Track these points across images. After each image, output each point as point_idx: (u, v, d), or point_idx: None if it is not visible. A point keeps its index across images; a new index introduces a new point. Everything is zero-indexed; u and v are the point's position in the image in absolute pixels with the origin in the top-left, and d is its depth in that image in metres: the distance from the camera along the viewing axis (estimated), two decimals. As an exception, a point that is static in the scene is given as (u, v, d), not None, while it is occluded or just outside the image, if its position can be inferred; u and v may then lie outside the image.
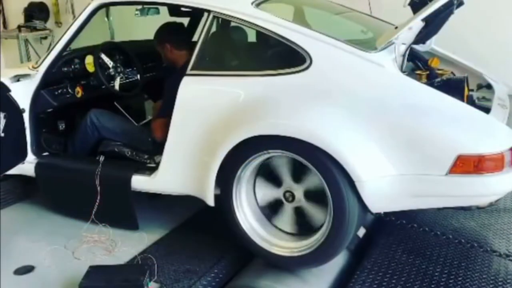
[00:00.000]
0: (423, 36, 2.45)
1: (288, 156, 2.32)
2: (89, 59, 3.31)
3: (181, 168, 2.60)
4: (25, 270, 2.62)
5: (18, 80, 2.99)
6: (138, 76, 3.54)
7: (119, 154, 3.05)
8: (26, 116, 3.00)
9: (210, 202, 2.51)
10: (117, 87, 3.35)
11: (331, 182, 2.18)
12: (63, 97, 3.19)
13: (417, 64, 2.86)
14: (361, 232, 2.71)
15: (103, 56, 3.32)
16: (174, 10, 3.33)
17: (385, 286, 2.32)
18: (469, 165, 2.06)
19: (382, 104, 2.19)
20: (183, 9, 3.23)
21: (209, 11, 2.62)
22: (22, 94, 2.98)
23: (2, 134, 2.81)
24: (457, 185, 2.11)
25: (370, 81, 2.27)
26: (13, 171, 3.05)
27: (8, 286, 2.49)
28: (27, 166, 3.06)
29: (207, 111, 2.50)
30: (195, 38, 3.07)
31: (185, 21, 3.46)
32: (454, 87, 2.39)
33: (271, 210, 2.48)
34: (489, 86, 2.79)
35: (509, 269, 2.45)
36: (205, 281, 2.46)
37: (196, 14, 3.36)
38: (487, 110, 2.39)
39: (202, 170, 2.49)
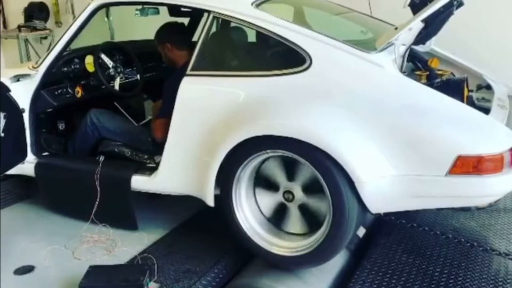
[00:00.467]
0: (423, 37, 2.45)
1: (278, 156, 2.33)
2: (89, 59, 3.31)
3: (181, 168, 2.61)
4: (25, 270, 2.62)
5: (18, 80, 2.99)
6: (138, 76, 3.54)
7: (119, 154, 3.05)
8: (26, 116, 3.00)
9: (210, 202, 2.51)
10: (117, 87, 3.35)
11: (330, 182, 2.19)
12: (63, 97, 3.19)
13: (416, 65, 2.86)
14: (361, 232, 2.71)
15: (103, 56, 3.32)
16: (174, 10, 3.34)
17: (385, 286, 2.32)
18: (468, 165, 2.06)
19: (381, 104, 2.19)
20: (183, 9, 3.23)
21: (209, 12, 2.63)
22: (22, 94, 2.98)
23: (2, 134, 2.81)
24: (456, 186, 2.11)
25: (370, 81, 2.27)
26: (13, 171, 3.05)
27: (8, 286, 2.49)
28: (27, 166, 3.06)
29: (207, 111, 2.51)
30: (195, 38, 3.07)
31: (185, 21, 3.46)
32: (453, 87, 2.40)
33: (277, 217, 2.48)
34: (488, 87, 2.80)
35: (509, 268, 2.45)
36: (205, 281, 2.47)
37: (196, 14, 3.37)
38: (486, 110, 2.40)
39: (202, 170, 2.50)
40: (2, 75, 2.98)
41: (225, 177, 2.43)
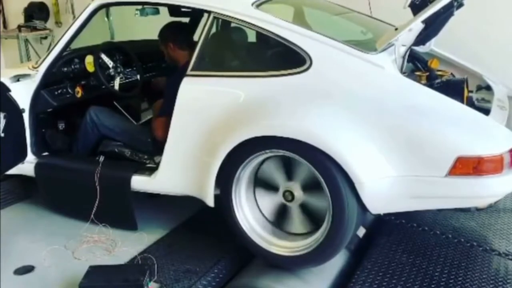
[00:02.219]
0: (423, 37, 2.45)
1: (276, 156, 2.33)
2: (89, 59, 3.30)
3: (181, 168, 2.61)
4: (25, 270, 2.63)
5: (18, 80, 2.99)
6: (138, 76, 3.54)
7: (119, 154, 3.05)
8: (26, 116, 3.00)
9: (210, 202, 2.51)
10: (117, 87, 3.35)
11: (330, 182, 2.19)
12: (63, 97, 3.19)
13: (416, 65, 2.86)
14: (361, 232, 2.71)
15: (103, 56, 3.31)
16: (174, 10, 3.34)
17: (385, 286, 2.32)
18: (468, 166, 2.07)
19: (381, 105, 2.19)
20: (183, 9, 3.23)
21: (209, 12, 2.63)
22: (22, 94, 2.98)
23: (2, 134, 2.81)
24: (456, 187, 2.11)
25: (370, 82, 2.27)
26: (13, 171, 3.04)
27: (8, 286, 2.49)
28: (27, 166, 3.06)
29: (207, 112, 2.51)
30: (195, 39, 3.07)
31: (185, 21, 3.47)
32: (453, 88, 2.40)
33: (280, 219, 2.47)
34: (488, 88, 2.80)
35: (509, 268, 2.45)
36: (205, 281, 2.47)
37: (196, 14, 3.37)
38: (486, 111, 2.40)
39: (202, 171, 2.50)
40: (2, 75, 2.98)
41: (225, 177, 2.43)
